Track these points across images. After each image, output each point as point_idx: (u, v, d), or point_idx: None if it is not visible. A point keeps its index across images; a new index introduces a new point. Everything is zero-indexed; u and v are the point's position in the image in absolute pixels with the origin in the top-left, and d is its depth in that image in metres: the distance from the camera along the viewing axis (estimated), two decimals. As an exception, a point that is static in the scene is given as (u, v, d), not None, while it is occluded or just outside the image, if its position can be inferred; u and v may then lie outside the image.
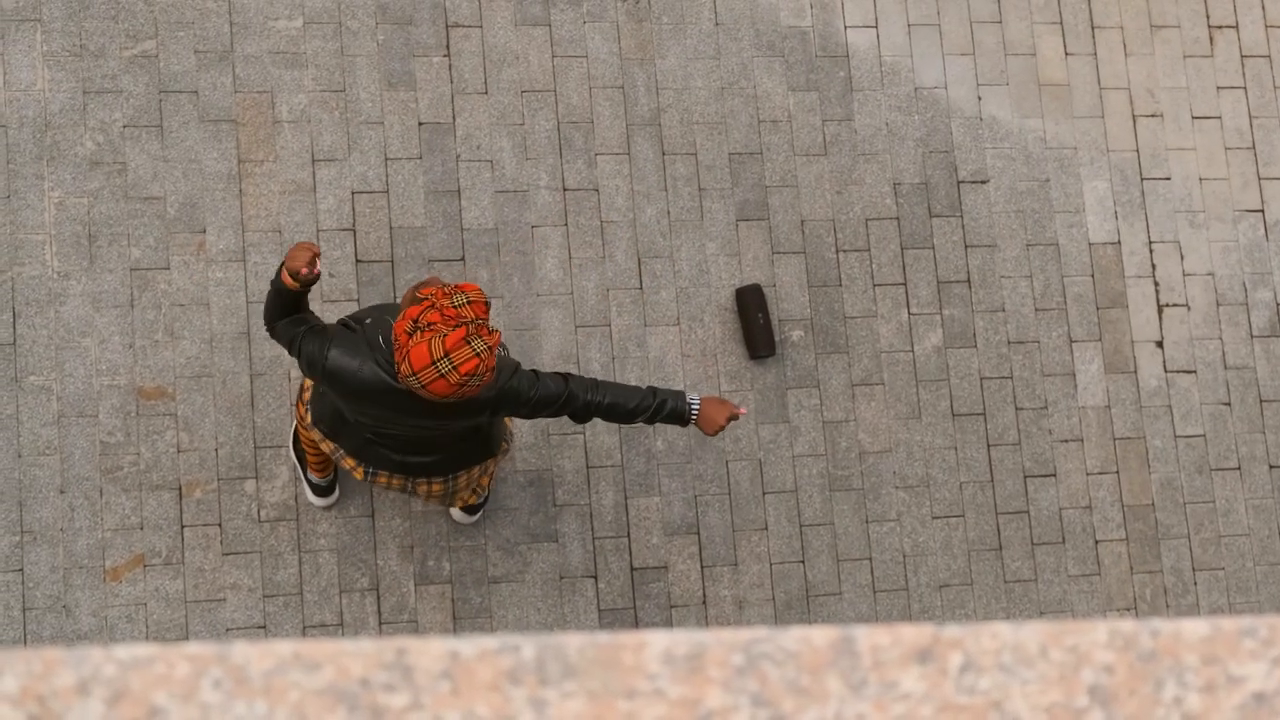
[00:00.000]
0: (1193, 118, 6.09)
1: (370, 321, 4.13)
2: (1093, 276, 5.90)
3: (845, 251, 5.74)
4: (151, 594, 5.18)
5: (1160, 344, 5.90)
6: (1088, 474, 5.76)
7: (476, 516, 5.31)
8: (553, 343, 5.52)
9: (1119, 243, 5.94)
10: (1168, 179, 6.02)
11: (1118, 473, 5.78)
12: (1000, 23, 6.03)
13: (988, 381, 5.75)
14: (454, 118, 5.62)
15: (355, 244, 5.47)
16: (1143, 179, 6.01)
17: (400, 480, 4.47)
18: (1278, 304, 6.01)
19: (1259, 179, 6.08)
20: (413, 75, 5.62)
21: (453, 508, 5.27)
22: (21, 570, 5.13)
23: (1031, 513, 5.70)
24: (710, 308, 5.62)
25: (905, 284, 5.77)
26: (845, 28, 5.92)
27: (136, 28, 5.50)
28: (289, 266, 4.06)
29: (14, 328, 5.26)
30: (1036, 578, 5.67)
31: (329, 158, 5.52)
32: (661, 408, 4.32)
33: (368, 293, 5.43)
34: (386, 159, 5.55)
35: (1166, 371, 5.88)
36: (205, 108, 5.49)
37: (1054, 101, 6.00)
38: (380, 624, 5.29)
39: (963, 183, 5.87)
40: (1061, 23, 6.07)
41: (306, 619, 5.25)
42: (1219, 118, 6.10)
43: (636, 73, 5.75)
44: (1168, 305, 5.94)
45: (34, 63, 5.43)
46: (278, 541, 5.26)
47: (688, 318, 5.61)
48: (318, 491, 5.21)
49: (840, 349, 5.68)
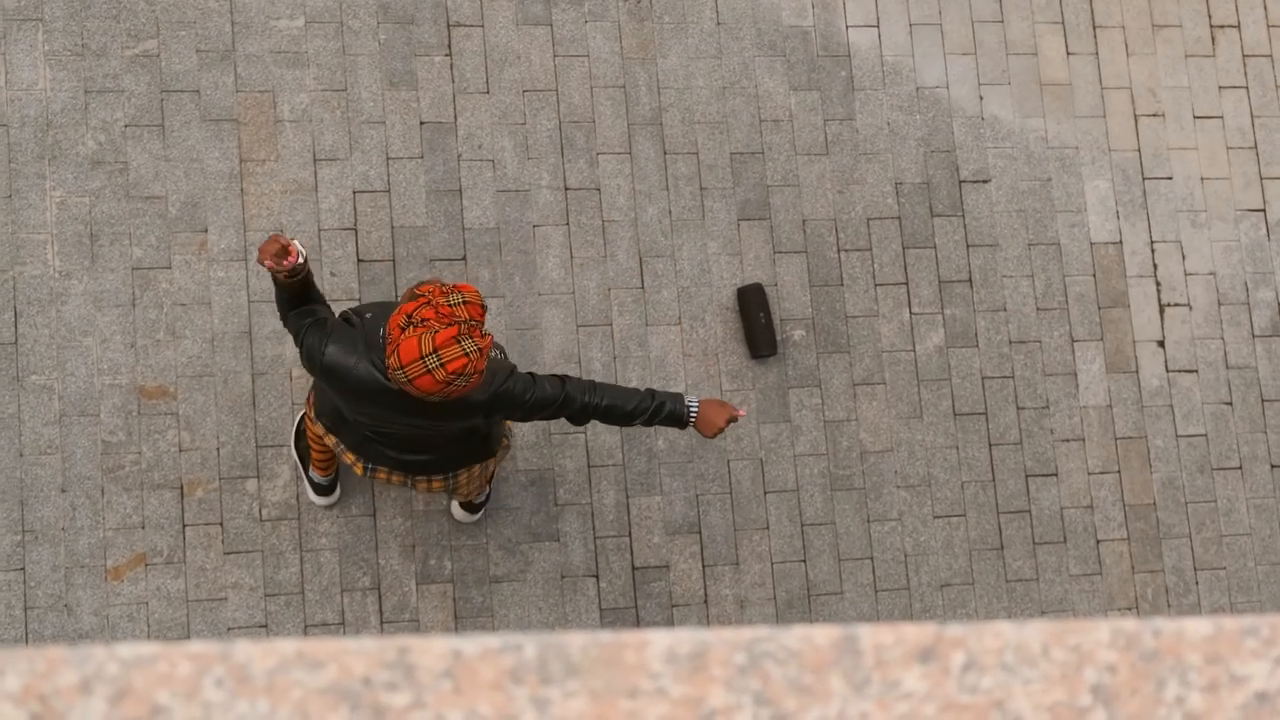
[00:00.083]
0: (1194, 117, 6.09)
1: (371, 317, 4.12)
2: (1094, 276, 5.89)
3: (847, 251, 5.74)
4: (153, 593, 5.18)
5: (1162, 343, 5.89)
6: (1089, 473, 5.76)
7: (478, 515, 5.31)
8: (554, 342, 5.51)
9: (1120, 242, 5.94)
10: (1169, 178, 6.02)
11: (1119, 472, 5.78)
12: (1002, 22, 6.03)
13: (989, 381, 5.75)
14: (455, 117, 5.62)
15: (357, 243, 5.47)
16: (1144, 178, 6.01)
17: (400, 477, 4.47)
18: (1279, 303, 6.01)
19: (1261, 179, 6.08)
20: (414, 75, 5.62)
21: (454, 507, 5.27)
22: (23, 569, 5.13)
23: (1033, 512, 5.70)
24: (712, 307, 5.62)
25: (907, 283, 5.76)
26: (847, 27, 5.92)
27: (138, 27, 5.50)
28: (257, 261, 4.06)
29: (16, 327, 5.26)
30: (1038, 577, 5.67)
31: (330, 157, 5.52)
32: (659, 410, 4.29)
33: (369, 292, 5.43)
34: (388, 158, 5.55)
35: (1168, 371, 5.88)
36: (207, 107, 5.49)
37: (1055, 101, 6.00)
38: (382, 623, 5.29)
39: (964, 182, 5.87)
40: (1063, 22, 6.07)
41: (308, 618, 5.25)
42: (1221, 117, 6.10)
43: (638, 72, 5.75)
44: (1169, 305, 5.93)
45: (36, 62, 5.43)
46: (279, 541, 5.26)
47: (689, 317, 5.61)
48: (319, 490, 5.21)
49: (842, 348, 5.67)
